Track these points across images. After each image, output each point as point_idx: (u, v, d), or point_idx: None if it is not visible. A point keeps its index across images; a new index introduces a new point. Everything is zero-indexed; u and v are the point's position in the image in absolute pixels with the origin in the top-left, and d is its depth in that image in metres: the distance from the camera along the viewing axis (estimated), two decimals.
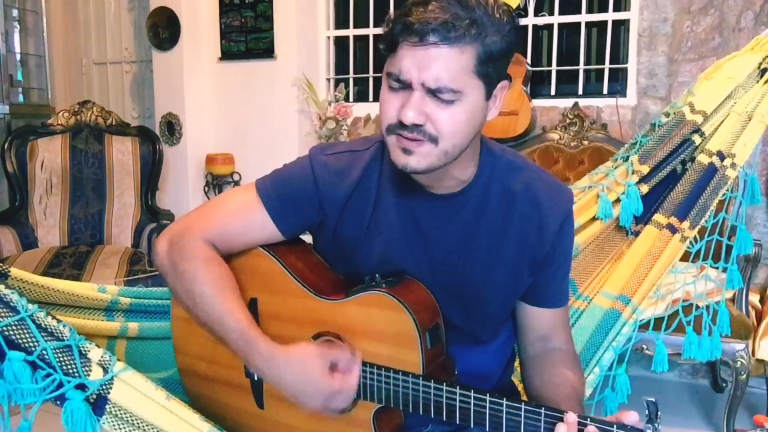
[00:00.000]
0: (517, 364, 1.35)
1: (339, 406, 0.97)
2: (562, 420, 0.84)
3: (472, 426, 0.93)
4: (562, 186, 1.09)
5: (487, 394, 0.90)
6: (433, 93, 0.88)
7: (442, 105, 0.89)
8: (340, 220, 1.06)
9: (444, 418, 0.94)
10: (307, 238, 1.16)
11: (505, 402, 0.88)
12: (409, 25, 0.86)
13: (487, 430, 0.91)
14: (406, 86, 0.89)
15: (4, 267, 0.97)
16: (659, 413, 0.80)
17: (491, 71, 0.90)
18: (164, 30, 3.38)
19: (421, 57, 0.86)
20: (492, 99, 0.94)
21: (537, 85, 3.08)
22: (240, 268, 1.09)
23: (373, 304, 0.98)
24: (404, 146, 0.92)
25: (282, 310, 1.07)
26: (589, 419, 0.83)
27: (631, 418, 0.82)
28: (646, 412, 0.80)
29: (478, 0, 0.87)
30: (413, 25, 0.86)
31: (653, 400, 0.80)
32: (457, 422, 0.93)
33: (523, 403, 0.88)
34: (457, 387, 0.92)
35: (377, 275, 1.02)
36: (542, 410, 0.86)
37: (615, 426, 0.82)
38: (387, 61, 0.93)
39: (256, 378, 1.10)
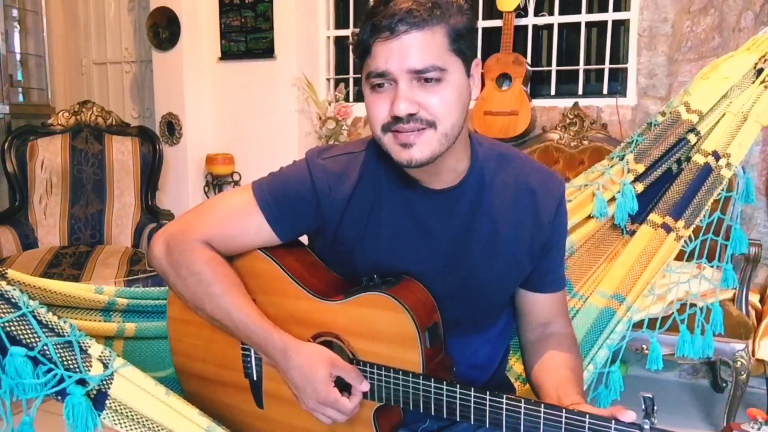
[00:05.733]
0: (512, 362, 1.36)
1: (327, 416, 0.98)
2: (561, 416, 0.85)
3: (472, 423, 0.93)
4: (552, 172, 1.12)
5: (488, 392, 0.91)
6: (420, 76, 0.91)
7: (430, 89, 0.92)
8: (340, 223, 1.06)
9: (445, 416, 0.95)
10: (303, 237, 1.15)
11: (505, 399, 0.89)
12: (377, 24, 0.90)
13: (487, 426, 0.91)
14: (390, 80, 0.92)
15: (0, 269, 0.98)
16: (655, 408, 0.81)
17: (464, 48, 0.94)
18: (164, 30, 3.38)
19: (398, 47, 0.90)
20: (471, 77, 0.98)
21: (537, 85, 3.08)
22: (237, 270, 1.09)
23: (373, 305, 0.99)
24: (403, 141, 0.93)
25: (280, 312, 1.07)
26: (587, 416, 0.84)
27: (629, 417, 0.82)
28: (643, 406, 0.81)
29: None
30: (381, 22, 0.90)
31: (650, 395, 0.80)
32: (458, 419, 0.94)
33: (522, 400, 0.88)
34: (458, 386, 0.93)
35: (375, 276, 1.03)
36: (542, 407, 0.87)
37: (613, 422, 0.82)
38: (363, 66, 0.95)
39: (255, 378, 1.10)
